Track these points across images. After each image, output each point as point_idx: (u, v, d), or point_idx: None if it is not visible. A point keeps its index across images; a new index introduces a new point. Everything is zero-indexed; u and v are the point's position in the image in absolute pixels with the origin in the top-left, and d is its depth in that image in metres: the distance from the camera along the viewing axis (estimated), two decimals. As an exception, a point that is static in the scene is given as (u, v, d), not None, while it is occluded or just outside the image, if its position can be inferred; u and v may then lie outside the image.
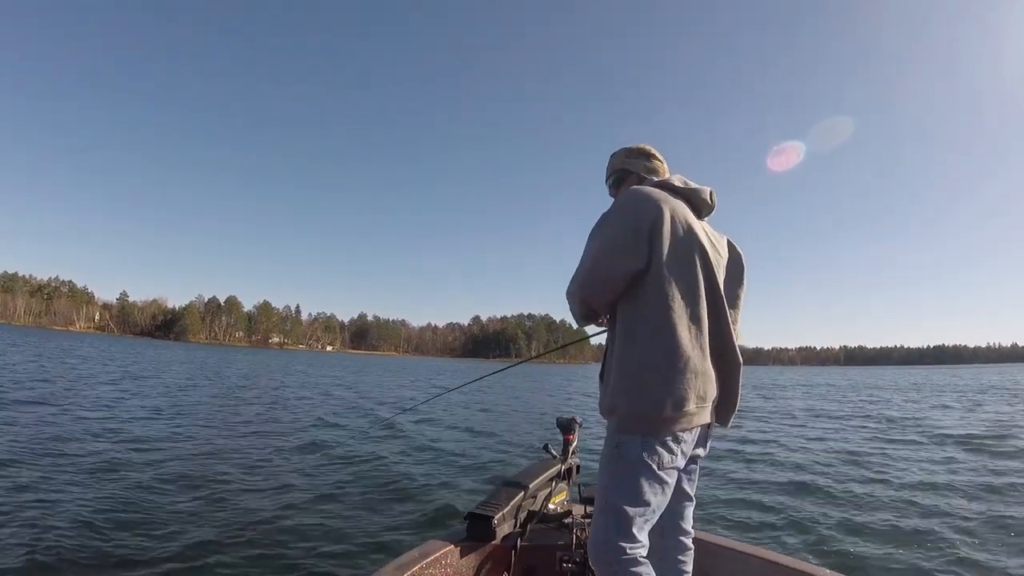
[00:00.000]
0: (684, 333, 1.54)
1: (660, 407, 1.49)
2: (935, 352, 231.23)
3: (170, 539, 3.83)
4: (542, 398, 20.92)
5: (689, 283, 1.59)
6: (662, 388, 1.50)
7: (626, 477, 1.52)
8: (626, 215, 1.59)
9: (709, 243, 1.68)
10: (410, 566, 1.85)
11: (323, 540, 4.03)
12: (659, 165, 1.86)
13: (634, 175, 1.85)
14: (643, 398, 1.50)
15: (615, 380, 1.56)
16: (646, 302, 1.55)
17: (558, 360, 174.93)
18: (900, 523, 4.72)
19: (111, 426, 8.14)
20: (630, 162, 1.87)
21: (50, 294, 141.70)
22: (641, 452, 1.51)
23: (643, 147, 1.90)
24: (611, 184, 1.92)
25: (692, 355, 1.53)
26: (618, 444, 1.54)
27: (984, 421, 12.69)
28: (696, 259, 1.62)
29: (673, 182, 1.74)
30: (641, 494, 1.51)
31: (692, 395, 1.52)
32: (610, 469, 1.55)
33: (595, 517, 1.58)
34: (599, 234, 1.63)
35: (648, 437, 1.51)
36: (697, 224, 1.68)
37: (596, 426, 11.21)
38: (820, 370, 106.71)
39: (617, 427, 1.55)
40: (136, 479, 5.28)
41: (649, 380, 1.50)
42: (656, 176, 1.83)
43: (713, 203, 1.76)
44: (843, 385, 34.56)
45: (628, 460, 1.52)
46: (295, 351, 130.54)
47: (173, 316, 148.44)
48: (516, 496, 2.25)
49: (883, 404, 18.50)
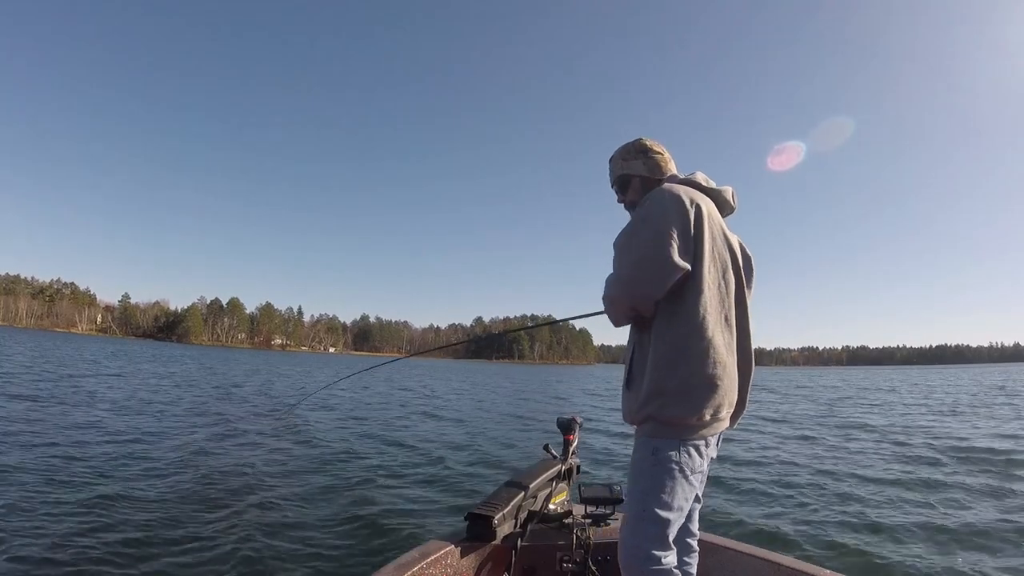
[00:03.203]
0: (720, 338, 1.53)
1: (699, 412, 1.47)
2: (937, 352, 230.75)
3: (170, 539, 3.84)
4: (545, 399, 20.91)
5: (724, 285, 1.58)
6: (701, 393, 1.48)
7: (664, 483, 1.48)
8: (669, 215, 1.53)
9: (736, 243, 1.68)
10: (410, 566, 1.85)
11: (323, 540, 4.03)
12: (659, 158, 1.78)
13: (636, 178, 1.78)
14: (682, 403, 1.47)
15: (650, 384, 1.51)
16: (684, 304, 1.51)
17: (560, 361, 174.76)
18: (899, 523, 4.72)
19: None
20: (628, 165, 1.80)
21: (52, 296, 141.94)
22: (679, 457, 1.49)
23: (640, 143, 1.81)
24: (616, 191, 1.87)
25: (727, 360, 1.53)
26: (655, 449, 1.50)
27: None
28: (728, 260, 1.62)
29: (698, 180, 1.69)
30: (676, 499, 1.49)
31: (726, 400, 1.53)
32: (648, 475, 1.51)
33: (629, 524, 1.53)
34: (641, 235, 1.55)
35: (684, 442, 1.49)
36: (728, 231, 1.68)
37: (597, 426, 11.23)
38: (822, 371, 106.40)
39: (653, 432, 1.51)
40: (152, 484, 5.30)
41: (689, 385, 1.47)
42: (660, 171, 1.77)
43: (735, 204, 1.74)
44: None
45: (666, 465, 1.48)
46: (297, 353, 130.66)
47: (175, 318, 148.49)
48: (516, 496, 2.25)
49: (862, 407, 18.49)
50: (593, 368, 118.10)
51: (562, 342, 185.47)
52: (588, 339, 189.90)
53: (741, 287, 1.65)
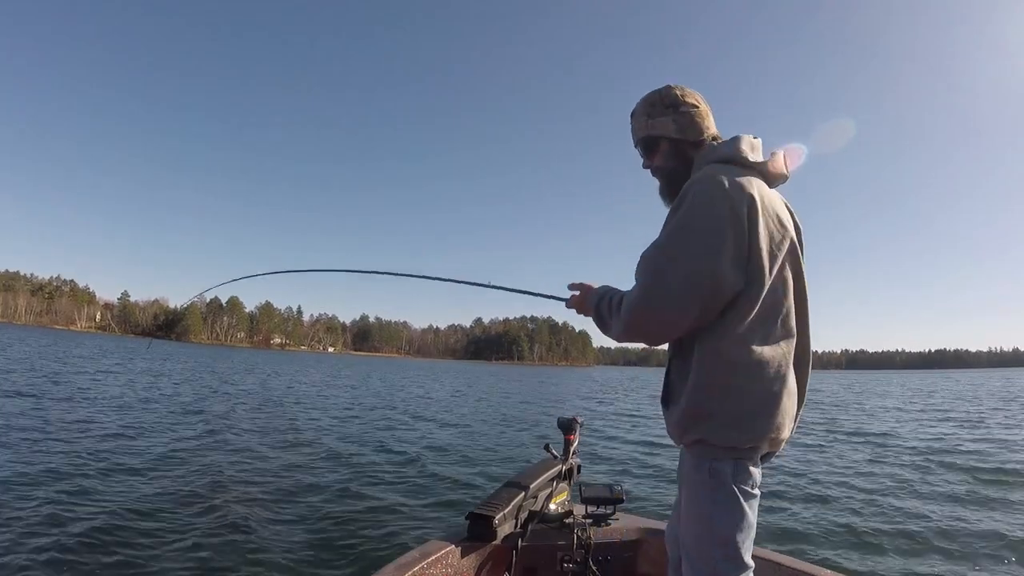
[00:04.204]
0: (778, 351, 1.33)
1: (758, 437, 1.32)
2: (937, 356, 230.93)
3: (169, 540, 3.84)
4: (546, 400, 20.90)
5: (782, 286, 1.35)
6: (758, 418, 1.31)
7: (729, 503, 1.33)
8: (718, 224, 1.26)
9: (792, 227, 1.39)
10: (411, 566, 1.84)
11: (323, 540, 4.02)
12: (694, 112, 1.43)
13: (664, 140, 1.45)
14: (736, 429, 1.31)
15: (693, 406, 1.33)
16: (733, 321, 1.29)
17: (560, 363, 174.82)
18: (898, 526, 4.71)
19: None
20: (655, 124, 1.45)
21: (51, 293, 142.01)
22: (738, 475, 1.34)
23: (669, 93, 1.45)
24: (641, 154, 1.53)
25: (788, 374, 1.35)
26: (712, 472, 1.34)
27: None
28: (788, 259, 1.36)
29: (744, 153, 1.36)
30: (745, 518, 1.34)
31: (787, 419, 1.36)
32: (711, 498, 1.34)
33: (702, 553, 1.36)
34: (684, 253, 1.27)
35: (741, 460, 1.34)
36: (782, 208, 1.40)
37: (597, 426, 11.22)
38: (821, 375, 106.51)
39: (709, 453, 1.34)
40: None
41: (742, 410, 1.30)
42: (695, 130, 1.43)
43: (787, 170, 1.43)
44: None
45: (728, 486, 1.33)
46: (296, 352, 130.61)
47: (175, 316, 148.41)
48: (517, 496, 2.24)
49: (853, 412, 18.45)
50: (592, 370, 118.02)
51: (561, 343, 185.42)
52: (588, 341, 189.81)
53: (800, 279, 1.40)
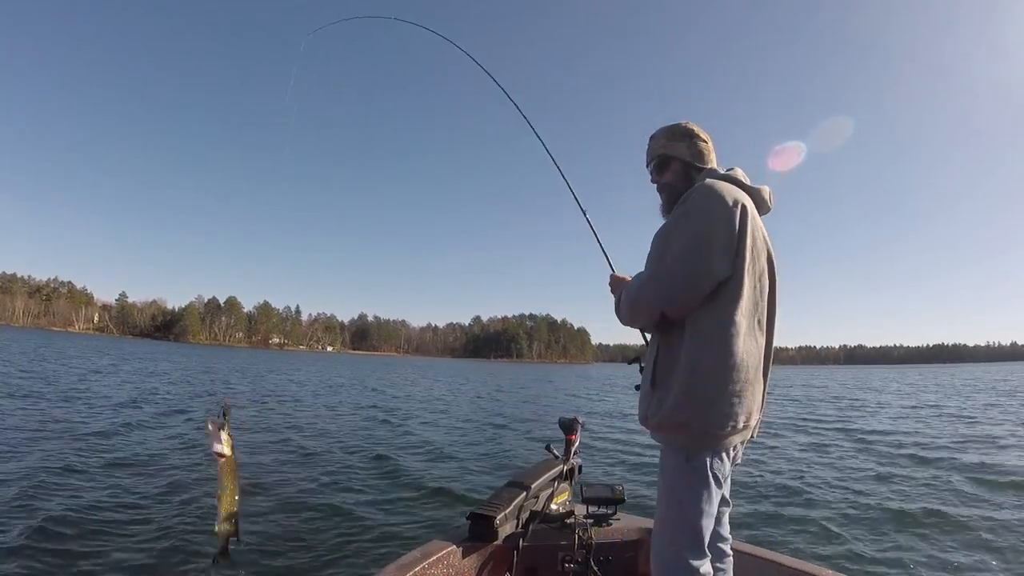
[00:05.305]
0: (753, 344, 1.52)
1: (735, 420, 1.47)
2: (935, 351, 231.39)
3: (170, 540, 3.83)
4: (548, 399, 20.91)
5: (760, 288, 1.56)
6: (737, 401, 1.47)
7: (700, 491, 1.48)
8: (714, 215, 1.49)
9: (769, 243, 1.65)
10: (412, 566, 1.85)
11: (324, 540, 4.02)
12: (704, 146, 1.73)
13: (677, 161, 1.73)
14: (719, 410, 1.46)
15: (683, 388, 1.47)
16: (722, 309, 1.48)
17: (559, 360, 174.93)
18: (899, 524, 4.73)
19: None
20: (672, 146, 1.74)
21: (49, 295, 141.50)
22: (712, 464, 1.49)
23: (685, 126, 1.75)
24: (652, 170, 1.80)
25: (759, 365, 1.54)
26: (688, 457, 1.50)
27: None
28: (765, 262, 1.59)
29: (739, 176, 1.64)
30: (711, 506, 1.49)
31: (756, 408, 1.53)
32: (684, 482, 1.50)
33: (664, 534, 1.53)
34: (683, 234, 1.51)
35: (717, 448, 1.49)
36: (764, 231, 1.64)
37: (596, 427, 11.23)
38: (817, 370, 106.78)
39: (687, 439, 1.50)
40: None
41: (726, 392, 1.46)
42: (702, 158, 1.72)
43: (771, 204, 1.68)
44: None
45: (701, 473, 1.48)
46: (295, 352, 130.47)
47: (173, 317, 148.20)
48: (518, 496, 2.25)
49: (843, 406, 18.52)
50: (590, 367, 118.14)
51: (560, 341, 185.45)
52: (586, 338, 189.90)
53: (774, 289, 1.63)
